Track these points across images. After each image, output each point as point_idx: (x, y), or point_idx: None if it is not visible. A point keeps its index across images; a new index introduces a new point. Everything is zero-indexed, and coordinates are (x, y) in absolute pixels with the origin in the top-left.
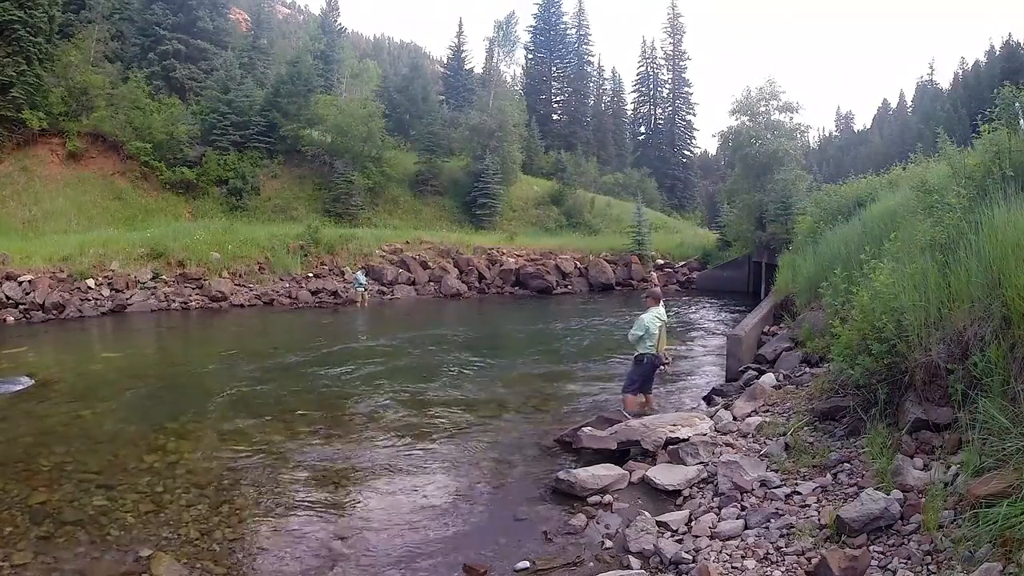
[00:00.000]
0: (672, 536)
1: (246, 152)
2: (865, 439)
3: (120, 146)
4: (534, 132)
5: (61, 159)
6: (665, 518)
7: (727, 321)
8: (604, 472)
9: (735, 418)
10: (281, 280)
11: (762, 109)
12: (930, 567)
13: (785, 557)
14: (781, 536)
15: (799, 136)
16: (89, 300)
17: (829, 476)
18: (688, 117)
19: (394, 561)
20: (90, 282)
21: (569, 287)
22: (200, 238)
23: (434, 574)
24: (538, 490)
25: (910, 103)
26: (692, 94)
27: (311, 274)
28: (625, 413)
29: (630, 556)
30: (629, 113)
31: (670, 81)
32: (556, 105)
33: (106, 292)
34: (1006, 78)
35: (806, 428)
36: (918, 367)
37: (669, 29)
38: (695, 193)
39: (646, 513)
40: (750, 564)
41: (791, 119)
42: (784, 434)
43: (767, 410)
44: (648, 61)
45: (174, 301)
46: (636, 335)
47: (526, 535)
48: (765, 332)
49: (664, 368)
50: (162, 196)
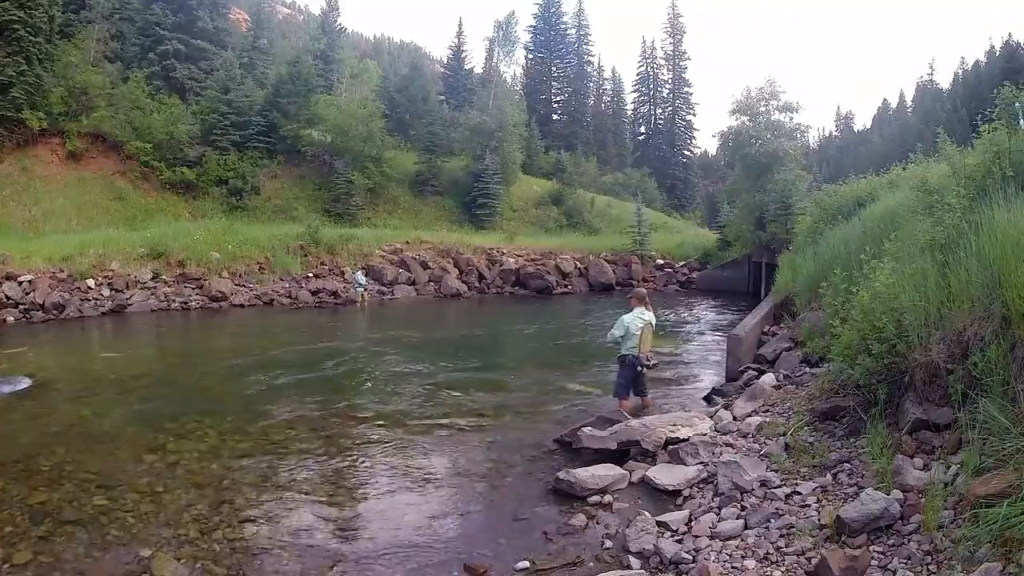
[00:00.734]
0: (672, 536)
1: (246, 152)
2: (865, 439)
3: (120, 146)
4: (534, 132)
5: (61, 159)
6: (665, 518)
7: (727, 321)
8: (604, 472)
9: (735, 418)
10: (281, 280)
11: (762, 109)
12: (930, 567)
13: (785, 557)
14: (781, 536)
15: (799, 136)
16: (89, 300)
17: (829, 476)
18: (688, 117)
19: (394, 561)
20: (90, 282)
21: (569, 287)
22: (200, 238)
23: (434, 574)
24: (538, 490)
25: (910, 103)
26: (692, 94)
27: (311, 274)
28: (624, 414)
29: (630, 556)
30: (629, 113)
31: (670, 81)
32: (556, 105)
33: (106, 292)
34: (1006, 78)
35: (806, 428)
36: (918, 367)
37: (669, 29)
38: (695, 193)
39: (646, 513)
40: (750, 564)
41: (791, 119)
42: (784, 434)
43: (767, 410)
44: (648, 61)
45: (174, 301)
46: (615, 335)
47: (526, 535)
48: (765, 332)
49: (644, 369)
50: (162, 196)
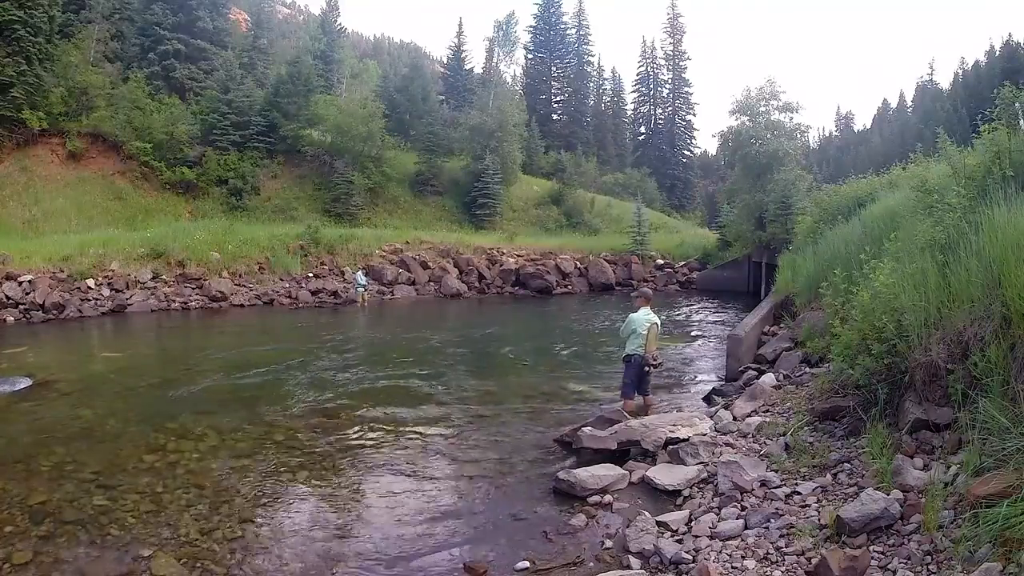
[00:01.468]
0: (672, 536)
1: (246, 152)
2: (865, 439)
3: (120, 146)
4: (534, 132)
5: (61, 159)
6: (665, 518)
7: (727, 321)
8: (604, 472)
9: (735, 418)
10: (281, 280)
11: (762, 109)
12: (930, 567)
13: (785, 557)
14: (781, 536)
15: (799, 136)
16: (89, 300)
17: (829, 476)
18: (688, 117)
19: (394, 561)
20: (90, 282)
21: (569, 287)
22: (200, 238)
23: (434, 574)
24: (538, 490)
25: (910, 103)
26: (692, 94)
27: (311, 274)
28: (625, 414)
29: (630, 556)
30: (629, 113)
31: (670, 81)
32: (556, 105)
33: (106, 292)
34: (1006, 78)
35: (806, 428)
36: (918, 367)
37: (669, 29)
38: (695, 193)
39: (646, 513)
40: (750, 564)
41: (791, 119)
42: (784, 434)
43: (767, 410)
44: (648, 61)
45: (174, 301)
46: (627, 331)
47: (526, 535)
48: (765, 332)
49: (651, 369)
50: (162, 196)
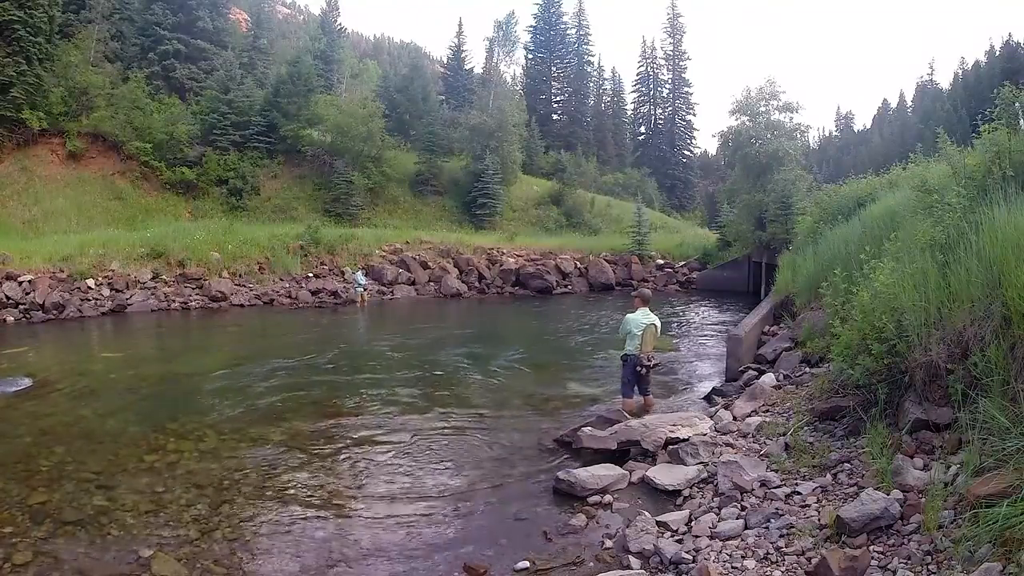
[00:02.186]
0: (672, 536)
1: (246, 152)
2: (865, 439)
3: (120, 146)
4: (534, 132)
5: (61, 159)
6: (665, 518)
7: (727, 321)
8: (604, 472)
9: (735, 418)
10: (281, 280)
11: (762, 109)
12: (930, 567)
13: (785, 557)
14: (781, 536)
15: (799, 136)
16: (89, 300)
17: (829, 476)
18: (688, 117)
19: (394, 561)
20: (90, 282)
21: (569, 287)
22: (200, 238)
23: (434, 574)
24: (538, 490)
25: (910, 103)
26: (692, 94)
27: (311, 274)
28: (624, 414)
29: (630, 556)
30: (629, 113)
31: (670, 81)
32: (556, 105)
33: (106, 292)
34: (1006, 78)
35: (806, 428)
36: (918, 367)
37: (669, 29)
38: (695, 193)
39: (646, 513)
40: (750, 564)
41: (791, 119)
42: (784, 434)
43: (767, 410)
44: (648, 61)
45: (174, 301)
46: (624, 332)
47: (526, 535)
48: (765, 332)
49: (645, 370)
50: (162, 196)
